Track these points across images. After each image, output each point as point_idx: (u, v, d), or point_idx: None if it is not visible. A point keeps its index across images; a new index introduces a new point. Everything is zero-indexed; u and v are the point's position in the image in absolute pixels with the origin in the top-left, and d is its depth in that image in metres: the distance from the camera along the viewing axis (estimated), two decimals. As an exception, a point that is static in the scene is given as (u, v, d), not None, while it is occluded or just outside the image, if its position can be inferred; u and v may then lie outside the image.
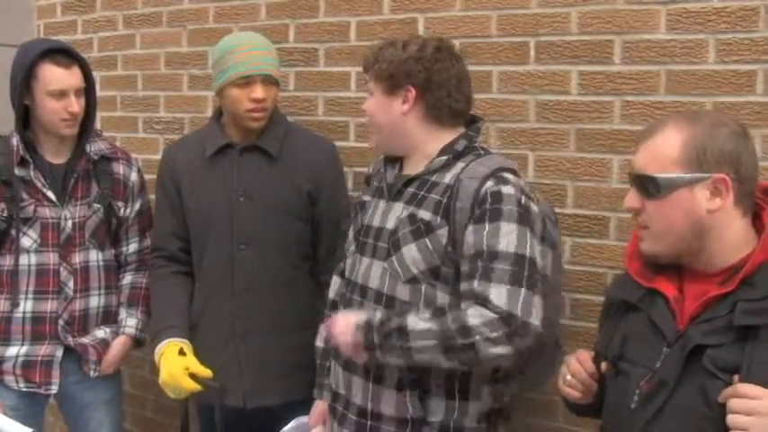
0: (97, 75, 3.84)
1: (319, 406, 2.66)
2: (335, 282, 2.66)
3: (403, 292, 2.26)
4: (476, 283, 2.13)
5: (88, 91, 3.03)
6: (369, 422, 2.32)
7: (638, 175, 1.87)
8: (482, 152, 2.35)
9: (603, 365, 1.97)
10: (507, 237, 2.14)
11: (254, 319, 2.91)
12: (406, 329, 2.14)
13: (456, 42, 2.91)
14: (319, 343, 2.66)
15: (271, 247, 2.90)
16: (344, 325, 2.25)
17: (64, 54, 2.94)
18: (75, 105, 2.94)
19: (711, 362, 1.73)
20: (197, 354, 2.89)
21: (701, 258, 1.85)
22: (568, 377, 2.04)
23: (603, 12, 2.69)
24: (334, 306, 2.59)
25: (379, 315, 2.20)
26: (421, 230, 2.25)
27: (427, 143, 2.35)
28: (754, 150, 1.86)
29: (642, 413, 1.83)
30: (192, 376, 2.78)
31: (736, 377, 1.68)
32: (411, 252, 2.24)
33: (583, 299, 2.78)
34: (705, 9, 2.54)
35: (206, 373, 2.79)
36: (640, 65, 2.65)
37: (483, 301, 2.10)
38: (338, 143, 3.15)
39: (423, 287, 2.24)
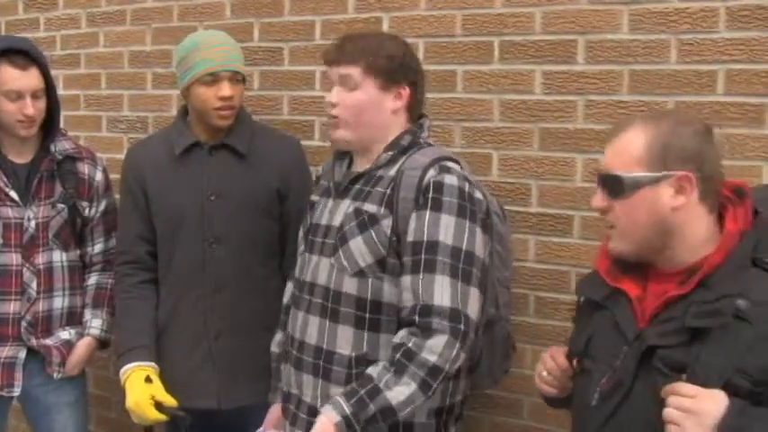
0: (60, 73, 3.83)
1: (274, 410, 2.65)
2: (288, 287, 2.68)
3: (350, 286, 2.26)
4: (419, 280, 2.17)
5: (50, 91, 3.00)
6: None
7: (604, 174, 1.89)
8: (425, 146, 2.35)
9: (574, 362, 2.02)
10: (446, 229, 2.17)
11: (226, 318, 2.89)
12: (391, 407, 2.13)
13: (420, 41, 2.94)
14: (274, 347, 2.66)
15: (242, 245, 2.89)
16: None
17: (22, 55, 2.90)
18: (30, 108, 2.90)
19: (662, 362, 1.77)
20: (167, 361, 2.89)
21: (665, 256, 1.87)
22: (544, 374, 2.09)
23: (567, 12, 2.71)
24: (287, 310, 2.60)
25: (347, 407, 2.13)
26: (365, 222, 2.26)
27: (390, 138, 2.35)
28: (719, 149, 1.88)
29: (601, 410, 1.87)
30: (158, 405, 2.78)
31: (683, 376, 1.72)
32: (358, 245, 2.25)
33: (548, 297, 2.80)
34: (667, 9, 2.57)
35: (171, 402, 2.79)
36: (603, 64, 2.67)
37: (426, 310, 2.15)
38: (303, 142, 3.14)
39: (370, 280, 2.25)
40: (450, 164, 2.27)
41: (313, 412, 2.30)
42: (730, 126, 2.50)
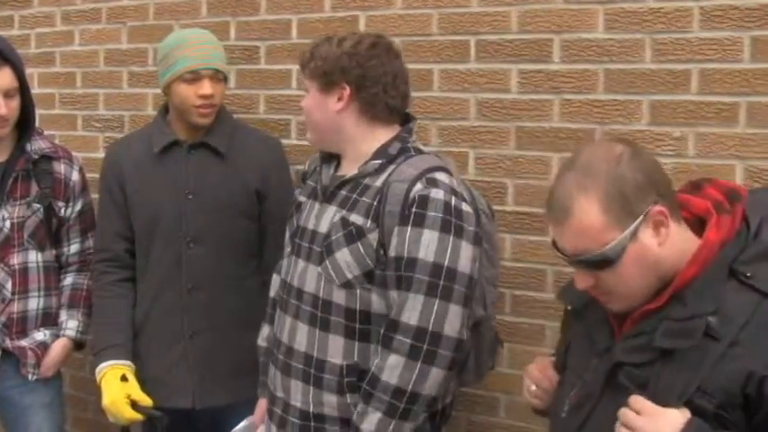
0: (35, 72, 3.80)
1: (263, 404, 2.64)
2: (275, 280, 2.66)
3: (339, 296, 2.25)
4: (397, 296, 2.19)
5: (24, 90, 2.97)
6: (312, 424, 2.31)
7: (580, 260, 1.72)
8: (413, 153, 2.32)
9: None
10: (427, 245, 2.16)
11: (202, 317, 2.88)
12: None
13: (397, 40, 2.93)
14: (261, 341, 2.66)
15: (219, 244, 2.88)
16: None
17: None
18: (3, 107, 2.87)
19: (627, 378, 1.69)
20: (143, 360, 2.89)
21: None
22: (533, 387, 2.01)
23: (543, 11, 2.72)
24: (275, 305, 2.59)
25: None
26: (353, 234, 2.24)
27: (363, 141, 2.33)
28: (652, 158, 1.78)
29: (570, 423, 1.82)
30: (134, 404, 2.77)
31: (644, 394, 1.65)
32: (344, 257, 2.24)
33: (523, 295, 2.81)
34: (642, 9, 2.58)
35: (147, 401, 2.79)
36: (579, 63, 2.68)
37: (392, 326, 2.17)
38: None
39: (358, 291, 2.24)
40: (439, 175, 2.24)
41: (305, 416, 2.31)
42: (704, 125, 2.52)
